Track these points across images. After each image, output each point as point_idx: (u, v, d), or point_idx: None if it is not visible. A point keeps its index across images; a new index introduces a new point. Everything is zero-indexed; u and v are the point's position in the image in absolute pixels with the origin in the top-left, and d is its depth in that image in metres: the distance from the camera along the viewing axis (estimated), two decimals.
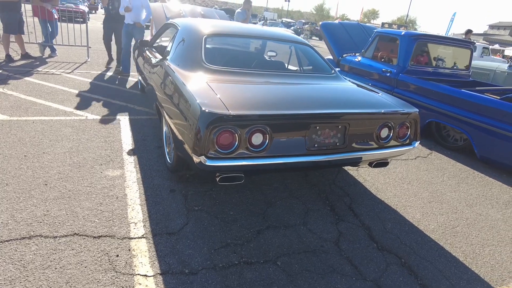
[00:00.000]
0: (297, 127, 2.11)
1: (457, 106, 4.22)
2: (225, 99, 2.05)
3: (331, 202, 2.74)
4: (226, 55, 3.07)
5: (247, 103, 2.08)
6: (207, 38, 2.86)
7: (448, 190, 3.26)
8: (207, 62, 2.61)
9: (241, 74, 2.62)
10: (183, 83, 2.30)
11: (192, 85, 2.25)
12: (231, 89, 2.31)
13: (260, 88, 2.45)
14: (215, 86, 2.26)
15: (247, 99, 2.15)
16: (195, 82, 2.33)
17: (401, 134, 2.51)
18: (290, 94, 2.39)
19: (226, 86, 2.35)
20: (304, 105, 2.20)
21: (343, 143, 2.28)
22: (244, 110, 1.95)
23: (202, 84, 2.27)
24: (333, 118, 2.19)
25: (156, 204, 2.44)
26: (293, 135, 2.12)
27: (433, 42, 5.36)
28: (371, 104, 2.49)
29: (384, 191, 3.04)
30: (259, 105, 2.08)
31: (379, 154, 2.43)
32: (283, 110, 2.05)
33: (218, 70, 2.59)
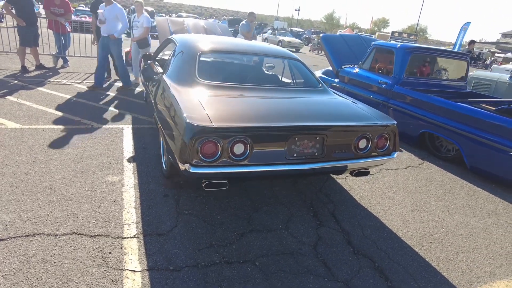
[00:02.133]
0: (277, 138, 2.29)
1: (448, 117, 4.33)
2: (211, 112, 2.25)
3: (315, 208, 2.90)
4: (219, 70, 3.29)
5: (230, 116, 2.28)
6: (201, 54, 3.09)
7: (433, 199, 3.37)
8: (199, 78, 2.83)
9: (231, 89, 2.82)
10: (175, 97, 2.52)
11: (183, 99, 2.47)
12: (219, 103, 2.51)
13: (247, 101, 2.64)
14: (204, 100, 2.47)
15: (232, 112, 2.35)
16: (186, 96, 2.55)
17: (380, 145, 2.67)
18: (273, 107, 2.58)
19: (215, 100, 2.56)
20: (285, 118, 2.38)
21: (321, 153, 2.45)
22: (226, 122, 2.15)
23: (192, 99, 2.48)
24: (311, 130, 2.37)
25: (150, 207, 2.65)
26: (273, 145, 2.30)
27: (428, 55, 5.50)
28: (349, 117, 2.65)
29: (368, 199, 3.18)
30: (242, 118, 2.28)
31: (357, 164, 2.58)
32: (263, 123, 2.24)
33: (210, 85, 2.80)
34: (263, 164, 2.27)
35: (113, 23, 5.67)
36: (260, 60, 3.77)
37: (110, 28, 5.65)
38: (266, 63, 3.98)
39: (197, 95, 2.55)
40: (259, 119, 2.28)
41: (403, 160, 4.35)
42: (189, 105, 2.36)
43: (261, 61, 3.78)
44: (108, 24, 5.60)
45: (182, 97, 2.52)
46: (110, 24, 5.63)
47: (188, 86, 2.74)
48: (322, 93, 3.17)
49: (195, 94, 2.57)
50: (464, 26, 19.97)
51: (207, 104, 2.41)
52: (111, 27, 5.66)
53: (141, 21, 5.95)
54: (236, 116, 2.29)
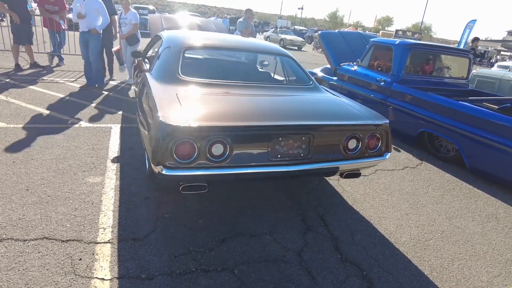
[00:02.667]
0: (259, 138, 2.16)
1: (448, 116, 4.17)
2: (189, 111, 2.12)
3: (304, 212, 2.76)
4: (205, 67, 3.16)
5: (209, 115, 2.15)
6: (186, 50, 2.96)
7: (430, 201, 3.22)
8: (182, 74, 2.70)
9: (216, 86, 2.69)
10: (152, 94, 2.39)
11: (160, 97, 2.34)
12: (200, 101, 2.38)
13: (230, 99, 2.51)
14: (184, 98, 2.34)
15: (211, 111, 2.22)
16: (164, 94, 2.42)
17: (371, 145, 2.52)
18: (258, 106, 2.45)
19: (196, 98, 2.43)
20: (268, 117, 2.24)
21: (308, 154, 2.31)
22: (203, 122, 2.02)
23: (171, 96, 2.35)
24: (295, 129, 2.23)
25: (128, 210, 2.52)
26: (255, 146, 2.17)
27: (428, 51, 5.32)
28: (338, 115, 2.51)
29: (361, 202, 3.03)
30: (221, 117, 2.14)
31: (346, 165, 2.44)
32: (243, 122, 2.10)
33: (194, 82, 2.67)
34: (244, 166, 2.14)
35: (94, 17, 5.45)
36: (250, 57, 3.63)
37: (90, 22, 5.43)
38: (260, 60, 3.84)
39: (178, 93, 2.42)
40: (240, 118, 2.15)
41: (400, 160, 4.20)
42: (165, 103, 2.23)
43: (251, 57, 3.64)
44: (89, 18, 5.39)
45: (160, 95, 2.39)
46: (91, 19, 5.41)
47: (169, 84, 2.61)
48: (313, 90, 3.03)
49: (175, 92, 2.44)
50: (469, 24, 19.61)
51: (187, 102, 2.28)
52: (92, 21, 5.44)
53: (129, 18, 5.84)
54: (215, 115, 2.16)
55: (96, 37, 5.55)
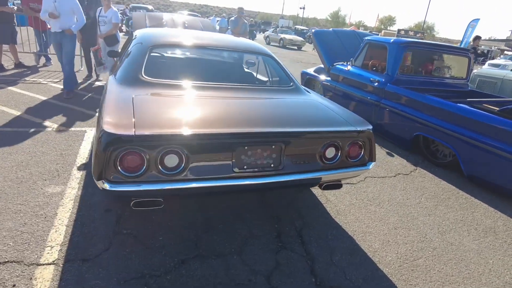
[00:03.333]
0: (221, 147, 1.91)
1: (445, 119, 3.90)
2: (141, 116, 1.88)
3: (280, 226, 2.50)
4: (174, 67, 2.91)
5: (164, 121, 1.90)
6: (154, 48, 2.72)
7: (422, 213, 2.95)
8: (146, 75, 2.45)
9: (183, 88, 2.44)
10: (106, 99, 2.15)
11: (113, 102, 2.10)
12: (159, 105, 2.13)
13: (195, 103, 2.26)
14: (140, 102, 2.09)
15: (168, 116, 1.97)
16: (119, 97, 2.17)
17: (352, 154, 2.26)
18: (224, 110, 2.19)
19: (155, 101, 2.18)
20: (233, 123, 1.99)
21: (279, 165, 2.05)
22: (153, 129, 1.77)
23: (125, 100, 2.10)
24: (263, 137, 1.98)
25: (83, 225, 2.28)
26: (217, 156, 1.91)
27: (425, 50, 5.04)
28: (315, 121, 2.25)
29: (345, 214, 2.77)
30: (177, 123, 1.89)
31: (324, 176, 2.18)
32: (201, 129, 1.85)
33: (158, 83, 2.42)
34: (204, 179, 1.89)
35: (68, 17, 5.06)
36: (227, 56, 3.38)
37: (65, 22, 5.02)
38: (246, 59, 3.58)
39: (135, 96, 2.17)
40: (198, 125, 1.89)
41: (393, 166, 3.93)
42: (115, 108, 1.99)
43: (228, 56, 3.38)
44: (63, 18, 4.97)
45: (114, 98, 2.15)
46: (65, 18, 5.00)
47: (129, 86, 2.37)
48: (292, 92, 2.77)
49: (132, 95, 2.19)
50: (472, 23, 19.20)
51: (142, 106, 2.03)
52: (66, 21, 5.04)
53: (109, 17, 5.49)
54: (171, 121, 1.91)
55: (70, 39, 5.15)
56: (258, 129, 1.95)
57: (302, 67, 11.74)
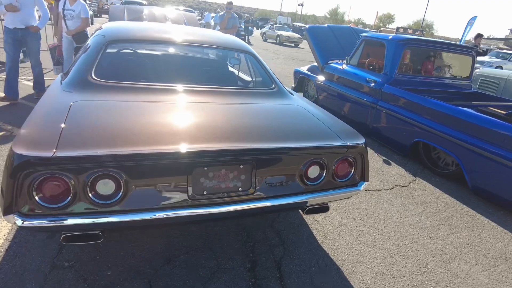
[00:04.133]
0: (172, 169, 1.51)
1: (447, 124, 3.52)
2: (70, 131, 1.48)
3: (256, 256, 2.12)
4: (134, 66, 2.49)
5: (98, 137, 1.49)
6: (111, 44, 2.31)
7: (422, 235, 2.57)
8: (96, 76, 2.05)
9: (139, 92, 2.04)
10: (37, 106, 1.75)
11: (43, 109, 1.70)
12: (100, 114, 1.73)
13: (147, 111, 1.84)
14: (78, 111, 1.69)
15: (106, 130, 1.57)
16: (54, 103, 1.78)
17: (340, 173, 1.87)
18: (180, 121, 1.78)
19: (98, 109, 1.78)
20: (188, 138, 1.59)
21: (249, 188, 1.66)
22: (80, 148, 1.37)
23: (60, 108, 1.70)
24: (228, 156, 1.58)
25: (17, 256, 1.89)
26: (167, 180, 1.52)
27: (426, 48, 4.65)
28: (295, 134, 1.86)
29: (334, 238, 2.39)
30: (114, 139, 1.49)
31: (304, 200, 1.79)
32: (144, 147, 1.45)
33: (109, 86, 2.02)
34: (150, 210, 1.50)
35: (31, 11, 4.38)
36: (202, 53, 2.96)
37: (27, 17, 4.34)
38: (229, 58, 3.18)
39: (74, 103, 1.77)
40: (142, 142, 1.49)
41: (390, 176, 3.55)
42: (42, 119, 1.59)
43: (202, 53, 2.97)
44: (24, 12, 4.28)
45: (46, 105, 1.76)
46: (26, 13, 4.32)
47: (73, 89, 1.96)
48: (273, 96, 2.38)
49: (71, 101, 1.78)
50: (470, 21, 18.88)
51: (79, 117, 1.63)
52: (28, 16, 4.35)
53: (77, 11, 4.81)
54: (106, 137, 1.51)
55: (35, 37, 4.52)
56: (221, 146, 1.55)
57: (298, 65, 11.34)
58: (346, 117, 5.07)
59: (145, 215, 1.49)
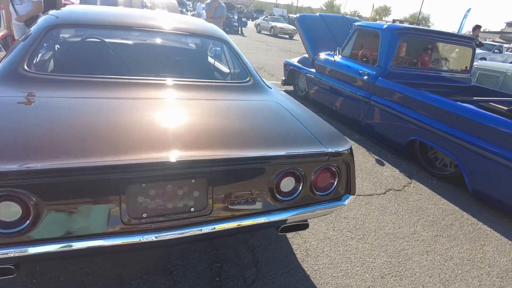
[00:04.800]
0: (97, 187, 1.17)
1: (445, 122, 3.20)
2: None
3: (223, 281, 1.79)
4: (78, 55, 2.12)
5: (4, 145, 1.15)
6: (52, 30, 1.94)
7: (417, 250, 2.26)
8: (30, 67, 1.69)
9: (81, 86, 1.68)
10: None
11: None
12: (19, 115, 1.38)
13: (79, 112, 1.48)
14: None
15: (18, 137, 1.22)
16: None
17: (320, 184, 1.54)
18: (116, 124, 1.42)
19: (20, 109, 1.43)
20: (120, 147, 1.24)
21: (204, 207, 1.33)
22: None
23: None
24: (172, 169, 1.24)
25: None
26: (93, 201, 1.18)
27: (424, 38, 4.31)
28: (265, 138, 1.52)
29: (317, 255, 2.07)
30: (24, 149, 1.14)
31: (277, 219, 1.47)
32: (58, 161, 1.11)
33: (44, 79, 1.66)
34: (69, 238, 1.16)
35: None
36: (168, 40, 2.58)
37: None
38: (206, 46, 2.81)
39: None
40: (58, 153, 1.15)
41: (383, 178, 3.23)
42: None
43: (169, 41, 2.60)
44: None
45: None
46: None
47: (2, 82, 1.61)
48: (247, 91, 2.03)
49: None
50: (466, 14, 18.61)
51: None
52: None
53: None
54: (13, 146, 1.16)
55: None
56: (160, 157, 1.21)
57: (291, 57, 10.96)
58: (338, 113, 4.75)
59: (62, 245, 1.15)
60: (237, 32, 19.74)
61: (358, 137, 4.30)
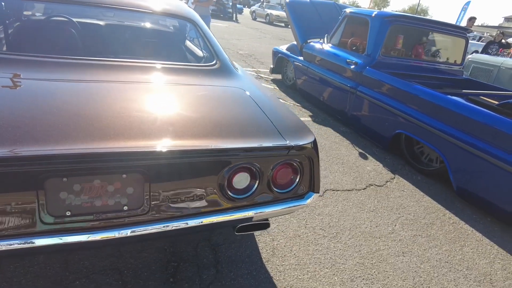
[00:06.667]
0: (14, 180, 1.00)
1: (431, 115, 3.05)
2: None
3: (177, 282, 1.64)
4: (29, 33, 1.92)
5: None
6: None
7: (394, 250, 2.13)
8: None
9: (14, 64, 1.49)
10: None
11: None
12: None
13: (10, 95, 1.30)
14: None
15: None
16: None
17: (280, 181, 1.38)
18: (45, 110, 1.22)
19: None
20: (41, 135, 1.06)
21: (140, 206, 1.16)
22: None
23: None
24: (99, 162, 1.07)
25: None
26: (9, 196, 1.01)
27: (415, 27, 4.12)
28: (217, 129, 1.34)
29: (283, 255, 1.93)
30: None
31: (228, 219, 1.31)
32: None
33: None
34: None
35: None
36: (124, 18, 2.37)
37: None
38: (172, 25, 2.61)
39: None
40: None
41: (364, 173, 3.09)
42: None
43: (125, 19, 2.37)
44: None
45: None
46: None
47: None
48: (211, 75, 1.84)
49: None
50: (464, 6, 18.40)
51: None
52: None
53: None
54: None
55: None
56: (84, 148, 1.03)
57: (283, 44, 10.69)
58: (324, 103, 4.58)
59: None
60: (231, 18, 19.29)
61: (344, 129, 4.15)
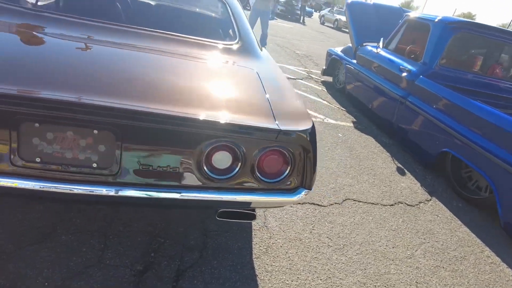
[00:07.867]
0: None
1: (486, 137, 2.64)
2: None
3: (157, 258, 1.60)
4: None
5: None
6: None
7: (405, 278, 1.86)
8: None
9: (39, 17, 1.57)
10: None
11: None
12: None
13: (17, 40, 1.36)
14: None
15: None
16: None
17: (267, 169, 1.25)
18: (46, 59, 1.24)
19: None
20: (23, 77, 1.08)
21: (109, 166, 1.13)
22: None
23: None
24: (71, 112, 1.05)
25: None
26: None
27: (485, 37, 3.62)
28: (203, 103, 1.24)
29: (276, 256, 1.78)
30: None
31: (203, 198, 1.22)
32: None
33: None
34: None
35: None
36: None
37: None
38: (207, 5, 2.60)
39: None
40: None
41: (396, 189, 2.79)
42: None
43: None
44: None
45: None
46: None
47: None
48: (229, 53, 1.77)
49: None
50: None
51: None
52: None
53: None
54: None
55: None
56: (60, 95, 1.02)
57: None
58: (371, 110, 4.27)
59: None
60: (298, 20, 19.16)
61: (386, 140, 3.81)
